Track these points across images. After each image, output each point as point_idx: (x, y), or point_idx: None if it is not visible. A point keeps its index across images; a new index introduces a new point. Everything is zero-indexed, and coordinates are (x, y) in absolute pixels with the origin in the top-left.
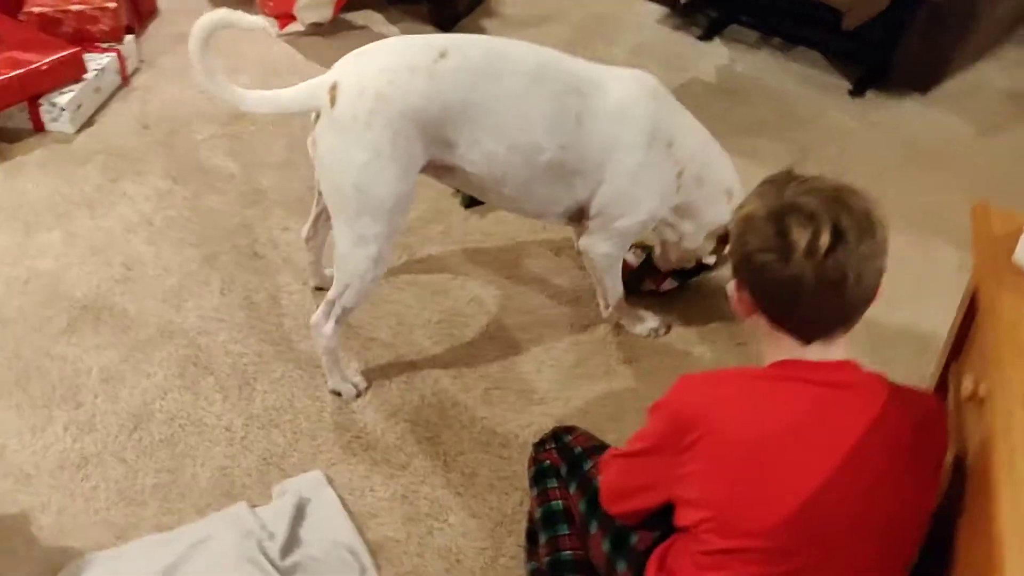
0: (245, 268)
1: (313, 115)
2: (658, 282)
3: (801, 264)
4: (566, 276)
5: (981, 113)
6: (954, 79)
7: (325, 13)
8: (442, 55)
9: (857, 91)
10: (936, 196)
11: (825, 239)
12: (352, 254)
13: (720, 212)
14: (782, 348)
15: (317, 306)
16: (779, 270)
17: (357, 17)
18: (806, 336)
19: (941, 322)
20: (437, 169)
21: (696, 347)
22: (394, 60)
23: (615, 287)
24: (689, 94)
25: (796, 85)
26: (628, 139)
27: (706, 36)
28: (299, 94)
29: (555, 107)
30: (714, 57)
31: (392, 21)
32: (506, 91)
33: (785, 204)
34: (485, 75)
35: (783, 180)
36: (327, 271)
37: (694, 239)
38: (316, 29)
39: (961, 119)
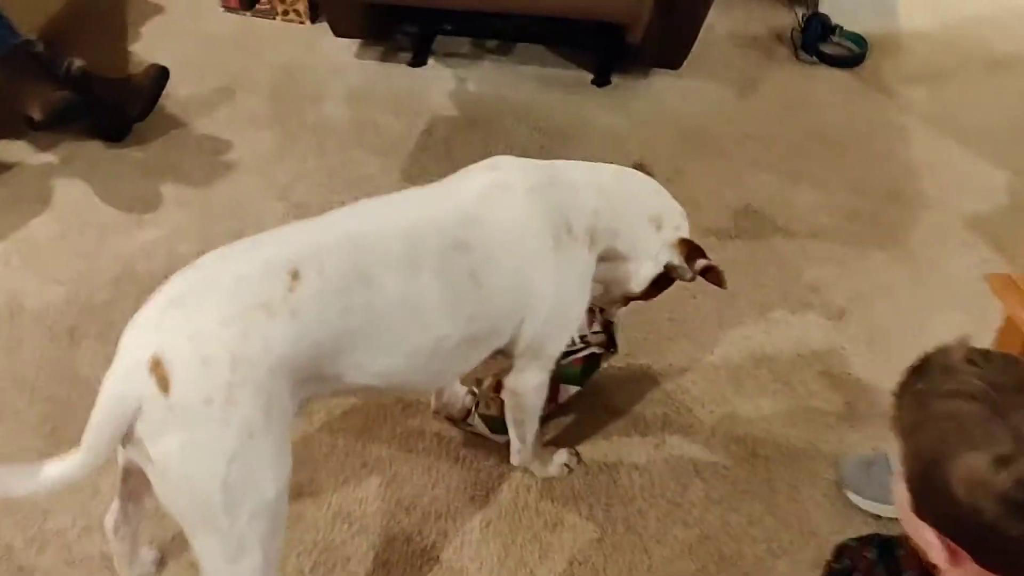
0: None
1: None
2: (554, 396)
3: None
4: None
5: (732, 72)
6: (697, 45)
7: None
8: (293, 277)
9: (601, 80)
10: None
11: None
12: (232, 572)
13: (651, 244)
14: None
15: None
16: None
17: None
18: None
19: None
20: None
21: (623, 468)
22: (235, 302)
23: (534, 422)
24: (437, 140)
25: (539, 91)
26: (533, 261)
27: (417, 59)
28: (102, 405)
29: (445, 282)
30: (438, 83)
31: (46, 147)
32: (384, 294)
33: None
34: (352, 286)
35: (981, 389)
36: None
37: (635, 279)
38: None
39: (719, 84)
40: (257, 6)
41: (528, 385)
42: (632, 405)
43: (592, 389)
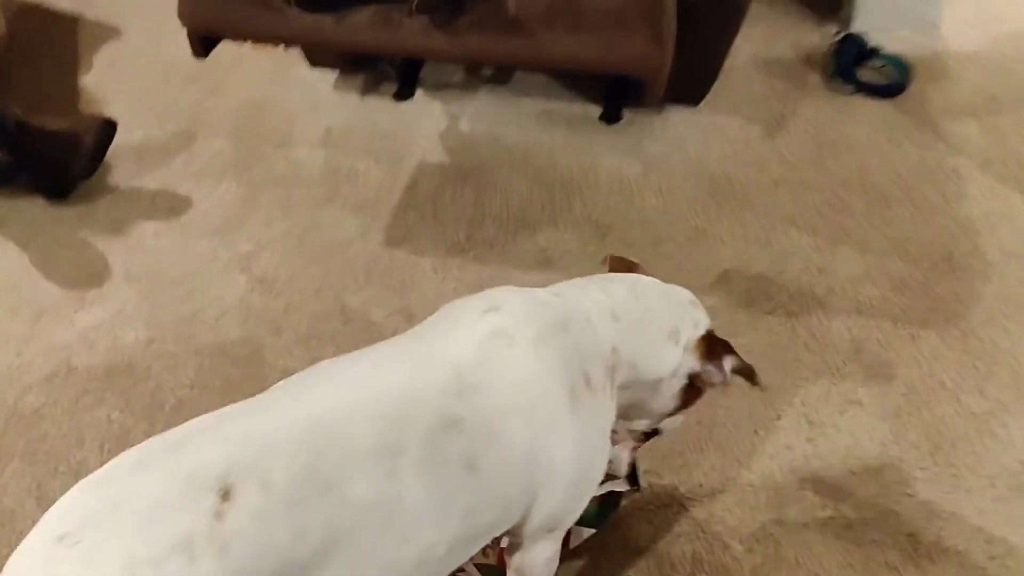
0: None
1: None
2: (565, 541)
3: None
4: None
5: (758, 106)
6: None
7: None
8: (224, 497)
9: (610, 116)
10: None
11: None
12: None
13: (672, 359)
14: None
15: None
16: None
17: None
18: None
19: None
20: None
21: None
22: (146, 541)
23: None
24: (423, 196)
25: (540, 129)
26: (547, 432)
27: (403, 92)
28: None
29: (433, 476)
30: (427, 121)
31: None
32: (351, 502)
33: None
34: (309, 498)
35: None
36: None
37: (658, 401)
38: None
39: (743, 121)
40: None
41: (538, 561)
42: (656, 541)
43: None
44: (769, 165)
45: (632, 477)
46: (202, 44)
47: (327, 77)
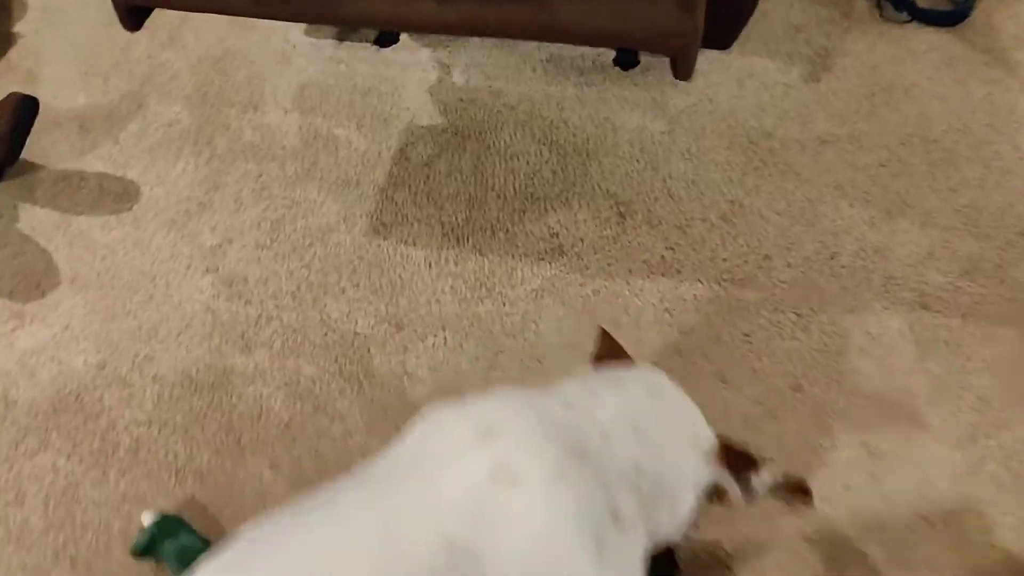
0: None
1: None
2: None
3: None
4: None
5: (798, 42)
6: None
7: None
8: None
9: (625, 60)
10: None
11: None
12: None
13: (697, 472)
14: None
15: None
16: None
17: None
18: None
19: None
20: None
21: None
22: None
23: None
24: (415, 166)
25: (547, 80)
26: None
27: (386, 36)
28: None
29: None
30: (415, 73)
31: None
32: None
33: None
34: None
35: None
36: None
37: (672, 521)
38: None
39: (782, 62)
40: None
41: None
42: None
43: None
44: (813, 117)
45: (672, 563)
46: (130, 16)
47: (299, 23)
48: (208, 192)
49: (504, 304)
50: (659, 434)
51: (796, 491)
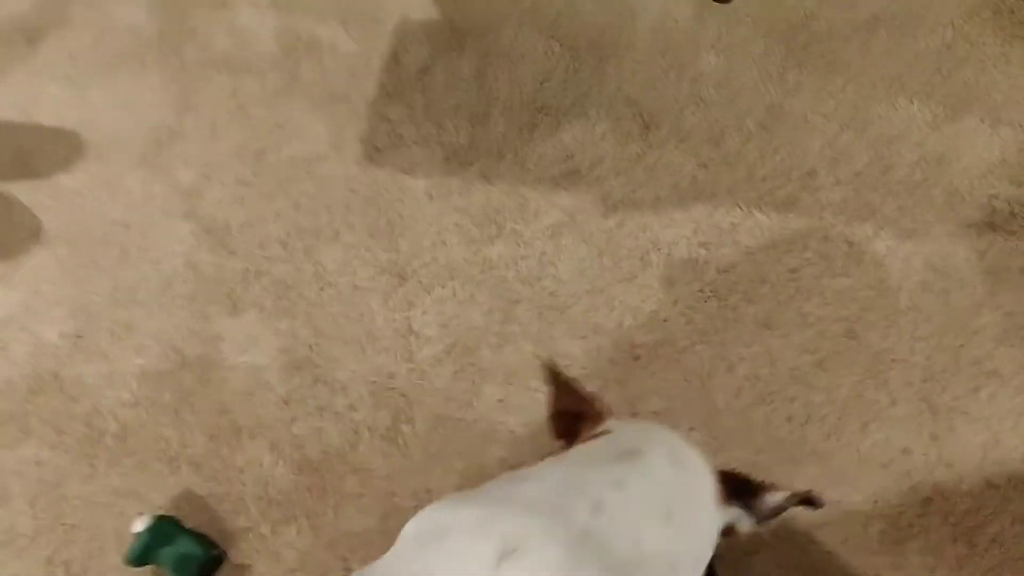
0: None
1: None
2: None
3: None
4: None
5: None
6: None
7: None
8: None
9: None
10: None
11: None
12: None
13: (712, 523)
14: None
15: None
16: None
17: None
18: None
19: None
20: None
21: None
22: None
23: None
24: (410, 74)
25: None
26: None
27: None
28: None
29: None
30: None
31: None
32: None
33: None
34: None
35: None
36: None
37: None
38: None
39: None
40: None
41: None
42: None
43: None
44: None
45: None
46: None
47: None
48: (179, 115)
49: (518, 244)
50: (689, 513)
51: (805, 503)
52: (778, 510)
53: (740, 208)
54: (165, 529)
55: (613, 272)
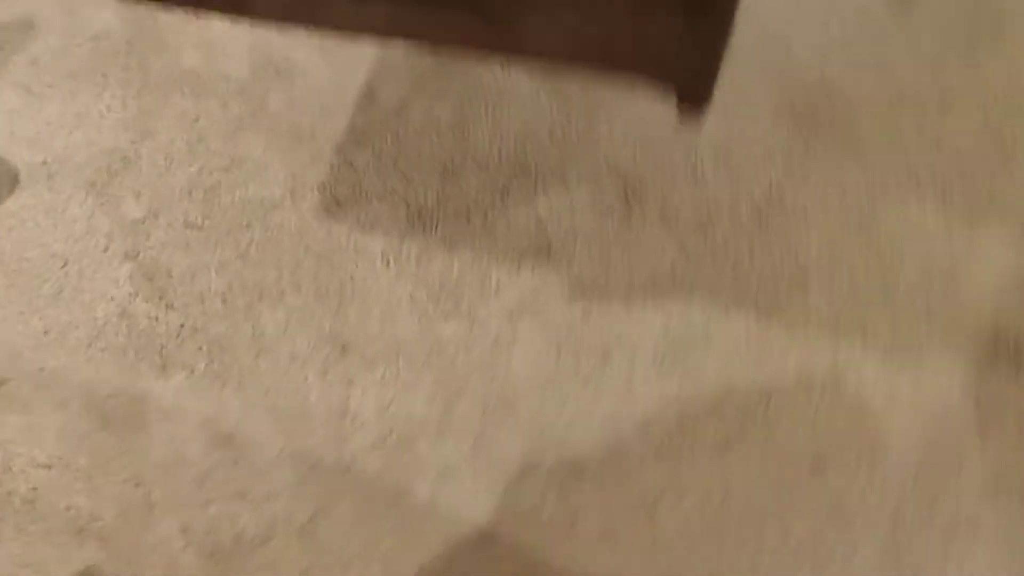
0: None
1: None
2: None
3: None
4: None
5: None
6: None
7: None
8: None
9: None
10: None
11: None
12: None
13: None
14: None
15: None
16: None
17: None
18: None
19: None
20: None
21: None
22: None
23: None
24: (384, 114)
25: None
26: None
27: None
28: None
29: None
30: None
31: None
32: None
33: None
34: None
35: None
36: None
37: None
38: None
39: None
40: None
41: None
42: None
43: None
44: (892, 62)
45: None
46: None
47: None
48: (135, 142)
49: (472, 325)
50: None
51: None
52: None
53: (718, 308)
54: None
55: (570, 369)
